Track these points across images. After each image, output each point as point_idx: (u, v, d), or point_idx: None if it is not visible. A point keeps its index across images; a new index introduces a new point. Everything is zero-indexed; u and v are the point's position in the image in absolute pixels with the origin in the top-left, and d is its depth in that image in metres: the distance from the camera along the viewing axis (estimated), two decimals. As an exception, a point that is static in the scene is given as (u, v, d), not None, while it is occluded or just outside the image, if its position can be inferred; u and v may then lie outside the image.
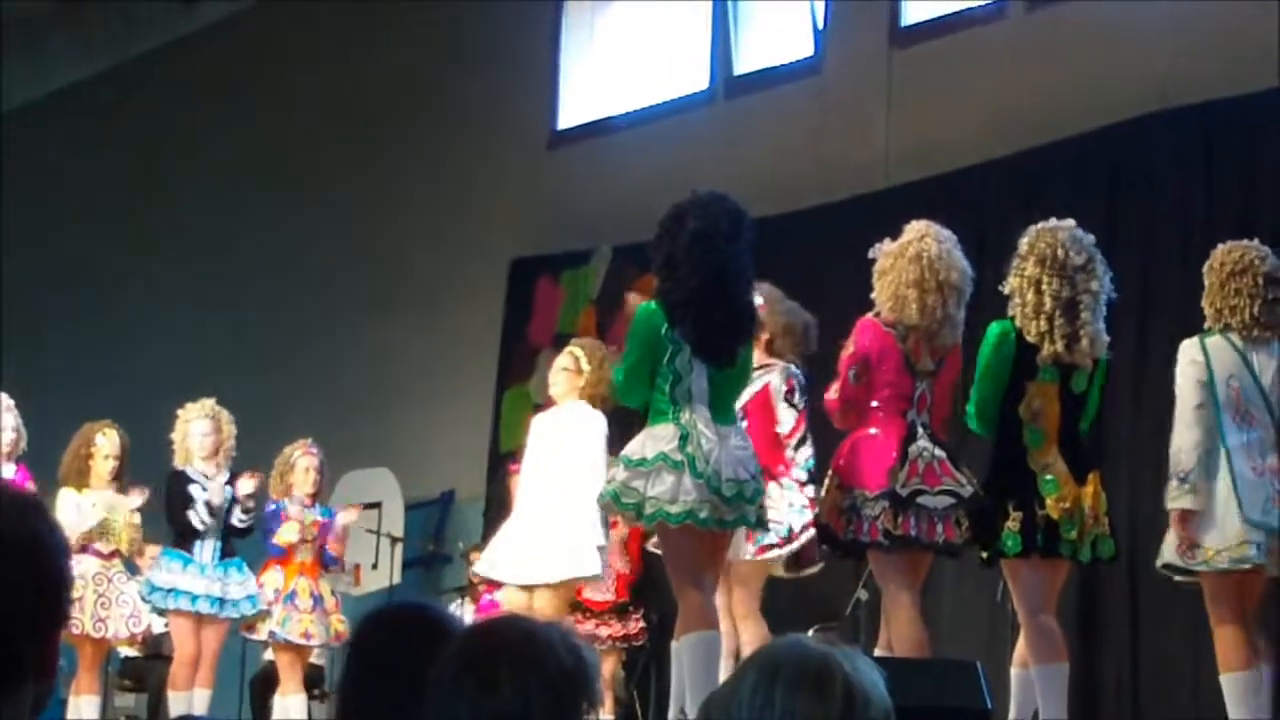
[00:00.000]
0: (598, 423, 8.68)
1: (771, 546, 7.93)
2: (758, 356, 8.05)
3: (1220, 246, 7.20)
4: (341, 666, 3.04)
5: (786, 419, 7.99)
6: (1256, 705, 6.78)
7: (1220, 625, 6.95)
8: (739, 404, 7.64)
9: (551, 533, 8.48)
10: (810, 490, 7.82)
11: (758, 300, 7.96)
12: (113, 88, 18.23)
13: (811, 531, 7.79)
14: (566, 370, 8.87)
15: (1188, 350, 7.02)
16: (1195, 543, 6.86)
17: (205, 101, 17.11)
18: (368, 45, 15.64)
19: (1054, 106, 10.81)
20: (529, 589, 8.47)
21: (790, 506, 7.85)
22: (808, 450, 7.98)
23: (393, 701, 2.88)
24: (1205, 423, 6.92)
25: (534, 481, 8.77)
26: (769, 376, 8.01)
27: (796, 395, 8.02)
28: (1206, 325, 7.09)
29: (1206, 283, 7.13)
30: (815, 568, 8.16)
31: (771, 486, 7.65)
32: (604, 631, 9.79)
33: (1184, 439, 6.93)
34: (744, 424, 7.75)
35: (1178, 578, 7.21)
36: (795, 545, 7.90)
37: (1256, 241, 7.21)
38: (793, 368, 8.08)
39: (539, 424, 8.97)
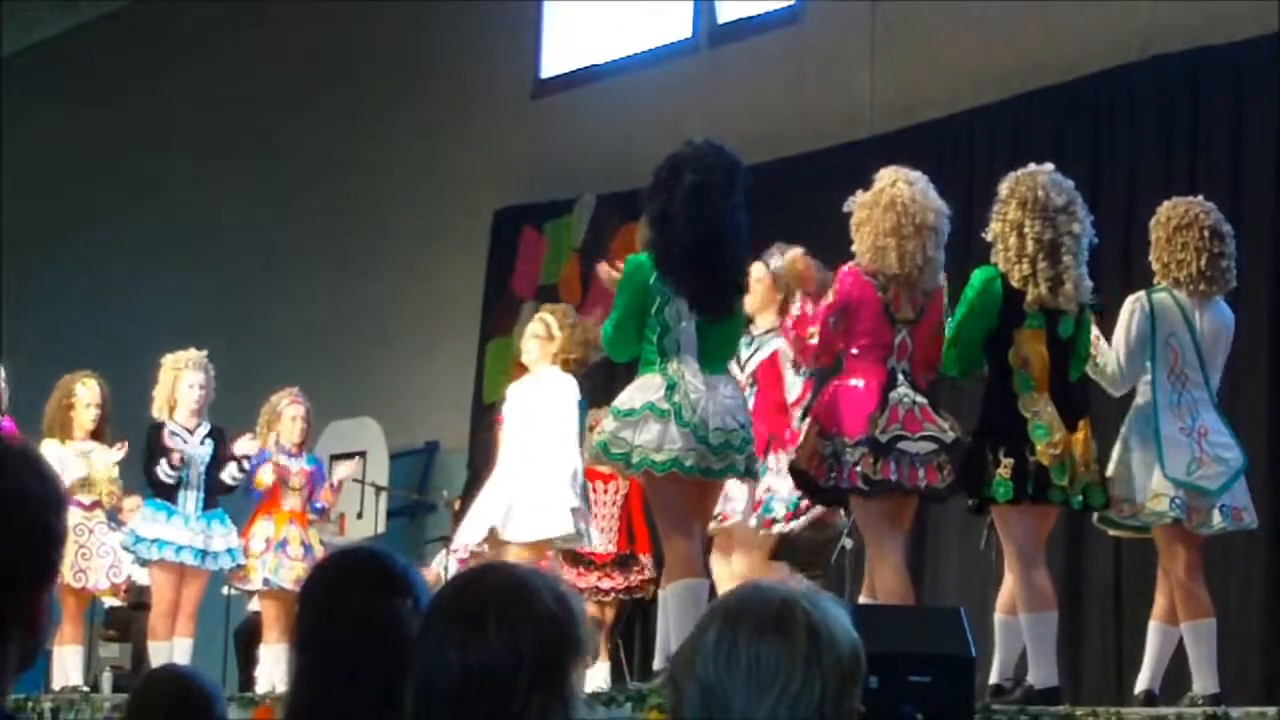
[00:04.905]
0: (569, 387, 8.78)
1: (776, 521, 7.94)
2: (771, 318, 8.05)
3: (1166, 203, 7.25)
4: (295, 616, 3.03)
5: (794, 385, 7.98)
6: (1212, 650, 6.87)
7: (1163, 577, 7.09)
8: (752, 368, 7.64)
9: (524, 493, 8.58)
10: None
11: (777, 260, 7.94)
12: (97, 42, 18.15)
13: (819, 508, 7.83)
14: (538, 337, 8.93)
15: (1132, 304, 7.06)
16: (1119, 498, 6.94)
17: (189, 57, 17.05)
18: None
19: (1037, 55, 10.79)
20: (502, 545, 8.53)
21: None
22: None
23: (346, 649, 2.88)
24: (1136, 370, 7.01)
25: (511, 449, 8.88)
26: (778, 342, 7.99)
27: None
28: (1155, 281, 7.13)
29: (1153, 238, 7.18)
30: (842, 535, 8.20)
31: (778, 456, 7.68)
32: (607, 584, 9.83)
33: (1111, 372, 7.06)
34: (754, 388, 7.76)
35: (1112, 531, 7.36)
36: (803, 520, 7.92)
37: (1201, 197, 7.25)
38: None
39: (514, 393, 9.06)
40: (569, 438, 8.68)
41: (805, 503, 7.80)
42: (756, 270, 8.16)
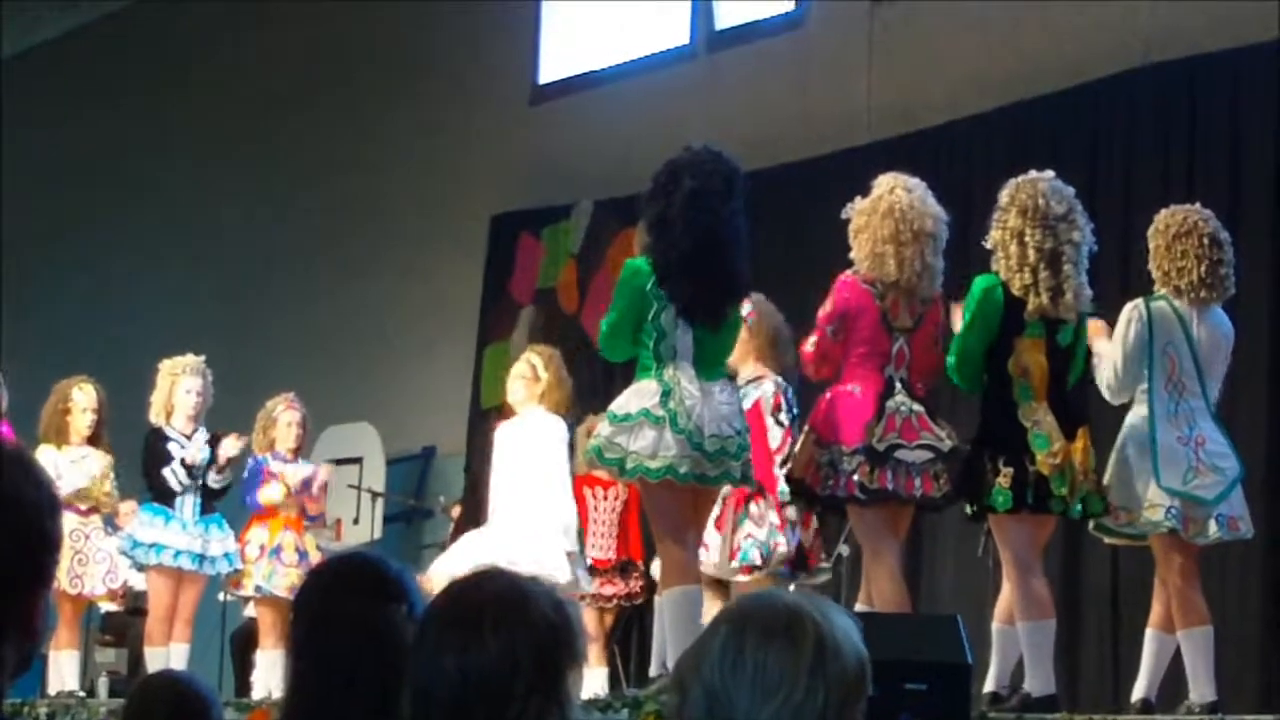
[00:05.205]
0: (558, 429, 8.77)
1: (754, 568, 7.93)
2: (752, 368, 8.03)
3: (1164, 211, 7.22)
4: (291, 621, 3.05)
5: (774, 435, 7.94)
6: (1210, 659, 6.86)
7: (1159, 585, 7.07)
8: None
9: (519, 539, 8.52)
10: (790, 512, 7.81)
11: (747, 308, 7.94)
12: (97, 42, 18.16)
13: (782, 550, 7.79)
14: (524, 378, 8.88)
15: (1129, 312, 7.04)
16: (1115, 506, 6.93)
17: (189, 57, 17.05)
18: (349, 1, 15.56)
19: (1037, 56, 10.79)
20: None
21: (770, 527, 7.84)
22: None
23: (342, 654, 2.89)
24: (1133, 378, 7.00)
25: (502, 494, 8.81)
26: (759, 391, 7.96)
27: (783, 412, 7.97)
28: (1154, 289, 7.12)
29: (1151, 246, 7.13)
30: (822, 577, 8.20)
31: (758, 505, 7.67)
32: (609, 590, 9.81)
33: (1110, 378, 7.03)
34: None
35: (1108, 539, 7.35)
36: (772, 566, 7.90)
37: (1199, 204, 7.23)
38: (782, 381, 8.02)
39: (501, 435, 8.98)
40: (560, 484, 8.68)
41: (774, 544, 7.80)
42: None
